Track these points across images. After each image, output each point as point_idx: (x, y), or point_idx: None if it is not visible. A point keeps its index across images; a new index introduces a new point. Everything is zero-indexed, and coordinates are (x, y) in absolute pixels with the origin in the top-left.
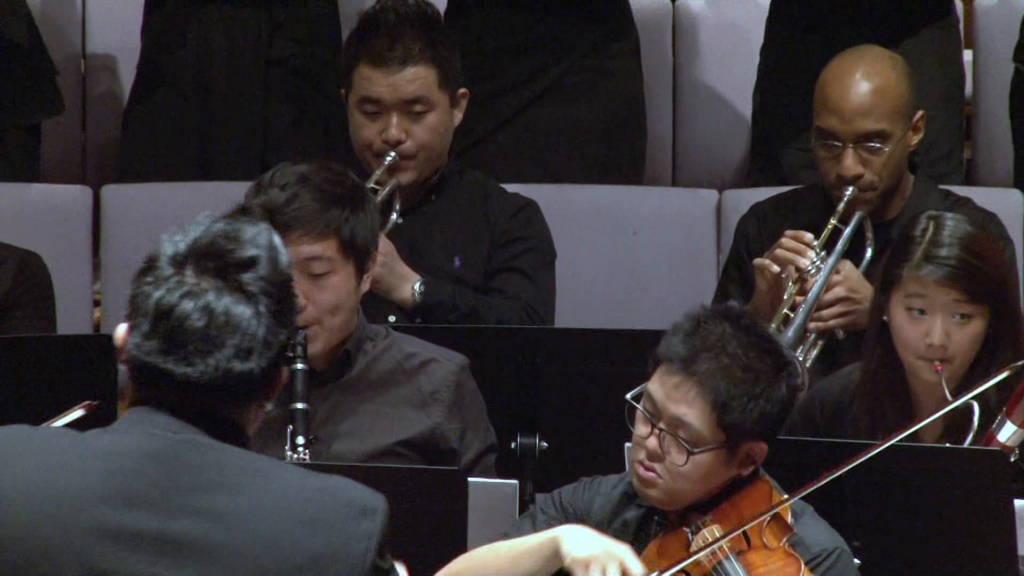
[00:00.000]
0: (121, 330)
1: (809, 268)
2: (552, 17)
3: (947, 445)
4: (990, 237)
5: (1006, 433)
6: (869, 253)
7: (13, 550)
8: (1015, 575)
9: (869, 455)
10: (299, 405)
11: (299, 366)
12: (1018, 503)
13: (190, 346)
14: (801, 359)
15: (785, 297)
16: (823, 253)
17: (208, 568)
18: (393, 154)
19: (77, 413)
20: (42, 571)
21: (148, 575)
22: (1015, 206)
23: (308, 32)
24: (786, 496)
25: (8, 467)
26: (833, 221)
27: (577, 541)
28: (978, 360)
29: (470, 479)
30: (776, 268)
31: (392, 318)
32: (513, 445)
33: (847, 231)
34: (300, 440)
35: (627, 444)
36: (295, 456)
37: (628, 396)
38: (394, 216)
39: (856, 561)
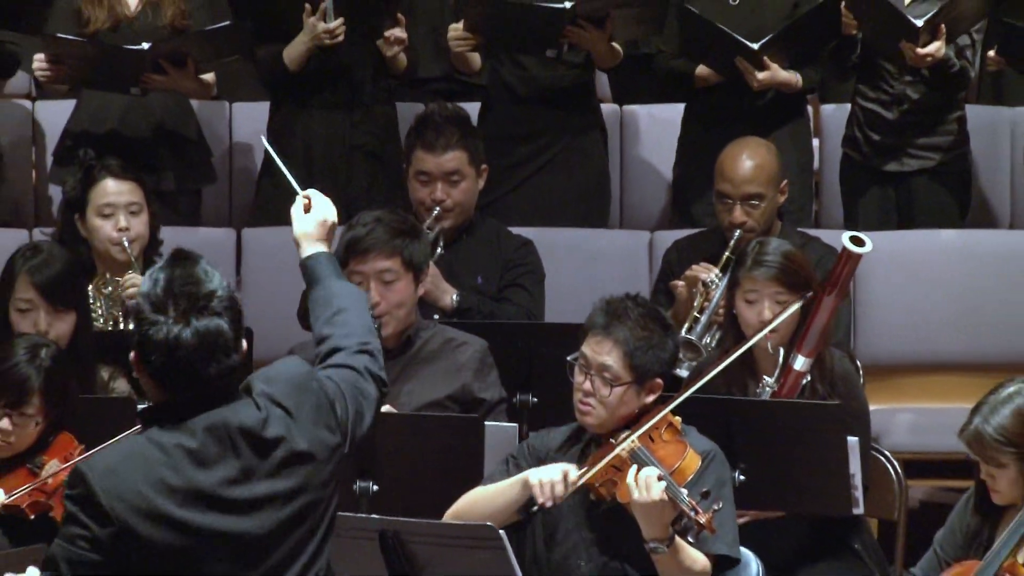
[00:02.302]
0: (132, 355)
1: (711, 285)
2: (547, 115)
3: (801, 401)
4: (799, 252)
5: (799, 363)
6: None
7: (139, 527)
8: (847, 488)
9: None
10: None
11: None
12: (850, 439)
13: (196, 365)
14: (707, 343)
15: (695, 304)
16: (720, 274)
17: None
18: (438, 208)
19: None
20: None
21: (260, 531)
22: (844, 237)
23: (377, 127)
24: (669, 407)
25: (130, 491)
26: (727, 253)
27: (536, 470)
28: (796, 330)
29: (485, 423)
30: (681, 283)
31: (436, 316)
32: (514, 400)
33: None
34: None
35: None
36: None
37: (568, 358)
38: (439, 250)
39: (741, 477)
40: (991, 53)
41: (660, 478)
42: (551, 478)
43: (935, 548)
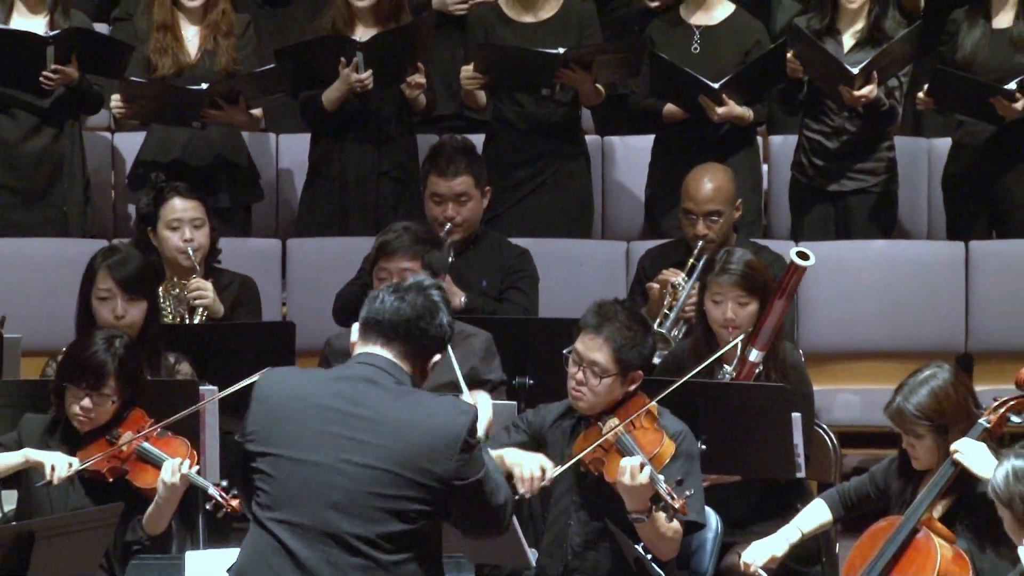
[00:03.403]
0: (355, 331)
1: (679, 287)
2: (541, 144)
3: (753, 383)
4: (759, 260)
5: (753, 355)
6: None
7: (278, 415)
8: (792, 456)
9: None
10: None
11: None
12: (794, 415)
13: (403, 310)
14: (675, 335)
15: (665, 303)
16: (687, 278)
17: (377, 434)
18: (449, 224)
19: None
20: (290, 427)
21: (341, 434)
22: (792, 252)
23: (401, 157)
24: (652, 401)
25: (280, 382)
26: (692, 260)
27: (513, 455)
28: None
29: (491, 402)
30: (656, 285)
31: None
32: (514, 383)
33: (700, 266)
34: None
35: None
36: None
37: (564, 351)
38: (450, 258)
39: (703, 447)
40: (920, 95)
41: (643, 465)
42: (532, 473)
43: (868, 475)
